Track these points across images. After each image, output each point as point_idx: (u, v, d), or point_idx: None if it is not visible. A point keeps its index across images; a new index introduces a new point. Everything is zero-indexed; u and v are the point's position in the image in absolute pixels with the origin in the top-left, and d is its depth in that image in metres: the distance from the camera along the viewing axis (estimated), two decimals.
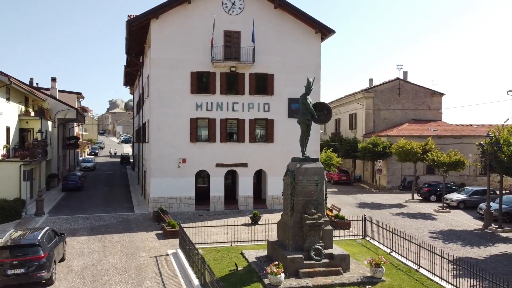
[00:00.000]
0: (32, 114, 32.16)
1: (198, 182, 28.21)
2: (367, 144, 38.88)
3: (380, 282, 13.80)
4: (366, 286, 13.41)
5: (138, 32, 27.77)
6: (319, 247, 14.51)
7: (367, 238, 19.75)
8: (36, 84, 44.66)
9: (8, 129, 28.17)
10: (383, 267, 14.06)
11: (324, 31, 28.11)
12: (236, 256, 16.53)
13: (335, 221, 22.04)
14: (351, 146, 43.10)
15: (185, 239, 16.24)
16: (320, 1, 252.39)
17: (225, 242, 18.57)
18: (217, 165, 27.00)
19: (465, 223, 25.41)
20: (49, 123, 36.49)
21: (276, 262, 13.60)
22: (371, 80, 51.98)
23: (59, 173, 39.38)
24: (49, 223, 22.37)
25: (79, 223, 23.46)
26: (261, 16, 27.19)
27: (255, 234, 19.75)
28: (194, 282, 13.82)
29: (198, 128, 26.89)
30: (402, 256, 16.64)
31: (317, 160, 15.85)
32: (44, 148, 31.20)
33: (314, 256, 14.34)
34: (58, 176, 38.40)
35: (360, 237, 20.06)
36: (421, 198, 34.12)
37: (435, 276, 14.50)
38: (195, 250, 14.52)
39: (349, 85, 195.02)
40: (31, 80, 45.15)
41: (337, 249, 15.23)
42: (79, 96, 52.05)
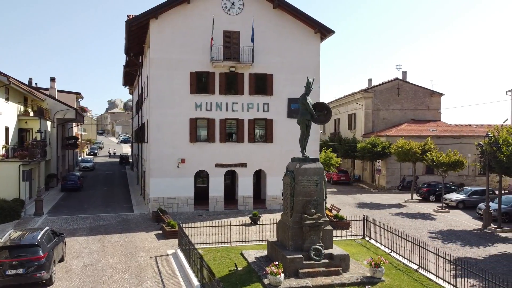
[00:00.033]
0: (31, 114, 32.12)
1: (198, 182, 28.21)
2: (366, 144, 38.90)
3: (380, 282, 13.81)
4: (366, 286, 13.42)
5: (138, 32, 27.76)
6: (319, 247, 14.52)
7: (367, 238, 19.77)
8: (35, 84, 44.58)
9: (7, 129, 28.14)
10: (383, 267, 14.08)
11: (324, 31, 28.12)
12: (236, 256, 16.53)
13: (335, 221, 22.05)
14: (350, 146, 43.12)
15: (185, 239, 16.23)
16: (320, 1, 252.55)
17: (225, 242, 18.56)
18: (217, 165, 26.99)
19: (464, 223, 25.44)
20: (48, 123, 36.45)
21: (276, 262, 13.60)
22: (370, 80, 52.02)
23: (58, 173, 39.34)
24: (48, 223, 22.35)
25: (78, 223, 23.44)
26: (261, 16, 27.19)
27: (255, 234, 19.75)
28: (194, 283, 13.81)
29: (198, 128, 26.88)
30: (402, 256, 16.66)
31: (317, 160, 15.85)
32: (43, 148, 31.17)
33: (314, 256, 14.34)
34: (57, 176, 38.37)
35: (360, 237, 20.07)
36: (420, 198, 34.15)
37: (435, 276, 14.52)
38: (195, 250, 14.51)
39: (348, 85, 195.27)
40: (30, 80, 45.08)
41: (337, 249, 15.25)
42: (78, 96, 52.03)
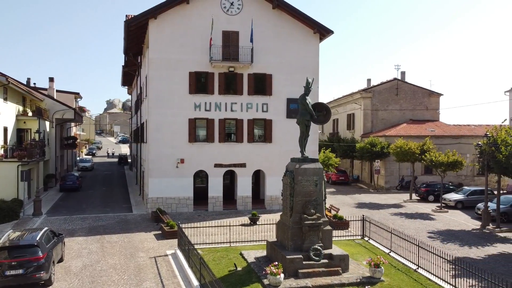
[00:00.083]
0: (30, 114, 32.03)
1: (197, 182, 28.20)
2: (365, 144, 38.93)
3: (379, 282, 13.83)
4: (366, 286, 13.43)
5: (137, 32, 27.73)
6: (318, 248, 14.52)
7: (366, 238, 19.78)
8: (34, 84, 44.53)
9: (6, 129, 28.07)
10: (382, 267, 14.09)
11: (323, 32, 28.14)
12: (235, 257, 16.53)
13: (334, 221, 22.06)
14: (349, 146, 43.14)
15: (184, 240, 16.22)
16: (319, 2, 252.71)
17: (224, 243, 18.55)
18: (216, 165, 26.98)
19: (463, 223, 25.49)
20: (47, 123, 36.37)
21: (276, 263, 13.60)
22: (369, 81, 52.04)
23: (57, 174, 39.28)
24: (47, 224, 22.33)
25: (77, 224, 23.40)
26: (260, 17, 27.18)
27: (254, 235, 19.75)
28: (194, 283, 13.80)
29: (197, 128, 26.86)
30: (401, 256, 16.68)
31: (316, 161, 15.85)
32: (42, 148, 31.08)
33: (314, 257, 14.35)
34: (56, 177, 38.30)
35: (359, 237, 20.09)
36: (419, 198, 34.19)
37: (434, 276, 14.54)
38: (194, 251, 14.50)
39: (347, 85, 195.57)
40: (29, 80, 45.02)
41: (336, 250, 15.26)
42: (77, 96, 51.95)
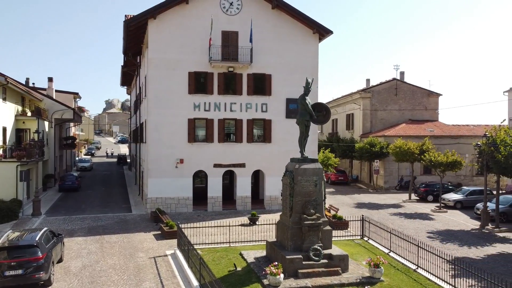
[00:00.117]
0: (29, 114, 31.98)
1: (196, 183, 28.19)
2: (364, 144, 38.96)
3: (379, 282, 13.84)
4: (365, 287, 13.45)
5: (136, 32, 27.70)
6: (318, 248, 14.53)
7: (365, 238, 19.79)
8: (33, 84, 44.48)
9: (5, 129, 28.02)
10: (382, 267, 14.10)
11: (322, 32, 28.14)
12: (235, 257, 16.52)
13: (333, 222, 22.06)
14: (348, 146, 43.17)
15: (184, 240, 16.22)
16: (318, 2, 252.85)
17: (224, 243, 18.54)
18: (215, 166, 26.97)
19: (462, 223, 25.52)
20: (46, 123, 36.33)
21: (275, 263, 13.60)
22: (368, 81, 52.07)
23: (56, 174, 39.24)
24: (46, 224, 22.29)
25: (77, 224, 23.38)
26: (259, 17, 27.18)
27: (254, 235, 19.75)
28: (193, 283, 13.79)
29: (196, 129, 26.85)
30: (400, 256, 16.68)
31: (316, 161, 15.85)
32: (41, 149, 31.04)
33: (313, 257, 14.35)
34: (55, 177, 38.26)
35: (358, 237, 20.10)
36: (418, 198, 34.23)
37: (434, 276, 14.56)
38: (194, 251, 14.49)
39: (346, 86, 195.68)
40: (27, 80, 44.96)
41: (336, 250, 15.26)
42: (76, 96, 51.87)
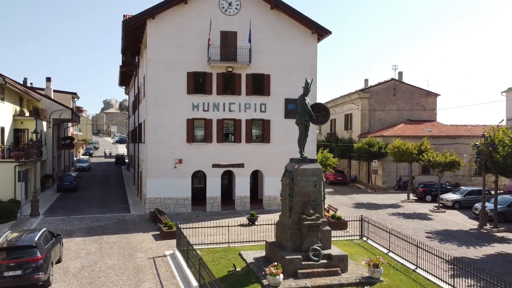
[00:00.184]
0: (27, 114, 31.88)
1: (195, 183, 28.16)
2: (363, 145, 39.01)
3: (379, 283, 13.84)
4: (365, 287, 13.46)
5: (134, 32, 27.68)
6: (318, 248, 14.54)
7: (364, 239, 19.81)
8: (31, 84, 44.36)
9: (3, 130, 27.94)
10: (381, 268, 14.11)
11: (321, 32, 28.16)
12: (234, 257, 16.52)
13: (332, 222, 22.06)
14: (347, 147, 43.21)
15: (183, 240, 16.20)
16: (317, 3, 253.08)
17: (223, 243, 18.54)
18: (214, 166, 26.96)
19: (461, 223, 25.57)
20: (44, 123, 36.26)
21: (275, 263, 13.60)
22: (367, 81, 52.19)
23: (54, 174, 39.15)
24: (45, 224, 22.24)
25: (75, 224, 23.33)
26: (258, 17, 27.17)
27: (253, 235, 19.74)
28: (193, 283, 13.77)
29: (195, 129, 26.83)
30: (399, 256, 16.71)
31: (315, 161, 15.86)
32: (39, 149, 30.98)
33: (313, 257, 14.36)
34: (53, 177, 38.17)
35: (357, 238, 20.11)
36: (417, 198, 34.30)
37: (433, 276, 14.58)
38: (193, 251, 14.48)
39: (345, 86, 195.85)
40: (25, 80, 44.85)
41: (335, 250, 15.28)
42: (74, 96, 51.74)
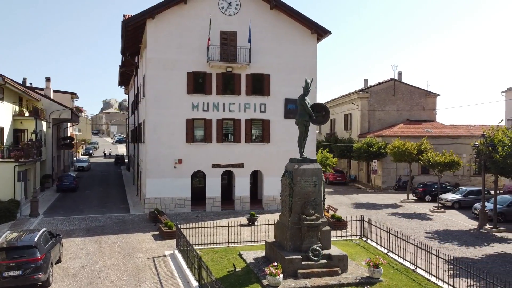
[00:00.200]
0: (27, 114, 31.85)
1: (194, 183, 28.15)
2: (362, 145, 39.02)
3: (378, 283, 13.84)
4: (365, 287, 13.46)
5: (134, 32, 27.66)
6: (317, 248, 14.54)
7: (364, 239, 19.81)
8: (30, 84, 44.34)
9: (2, 130, 27.91)
10: (381, 268, 14.11)
11: (320, 32, 28.16)
12: (234, 257, 16.52)
13: (332, 222, 22.07)
14: (346, 147, 43.22)
15: (183, 240, 16.19)
16: (317, 3, 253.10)
17: (223, 243, 18.53)
18: (213, 166, 26.95)
19: (460, 223, 25.59)
20: (44, 123, 36.23)
21: (275, 263, 13.60)
22: (366, 81, 52.19)
23: (54, 174, 39.12)
24: (44, 224, 22.22)
25: (75, 224, 23.31)
26: (258, 17, 27.17)
27: (252, 235, 19.75)
28: (193, 283, 13.77)
29: (194, 129, 26.82)
30: (399, 256, 16.72)
31: (315, 161, 15.86)
32: (39, 149, 30.94)
33: (313, 257, 14.36)
34: (53, 177, 38.14)
35: (357, 238, 20.12)
36: (416, 198, 34.31)
37: (432, 276, 14.59)
38: (193, 251, 14.47)
39: (345, 86, 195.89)
40: (25, 80, 44.82)
41: (335, 250, 15.28)
42: (74, 96, 51.71)
